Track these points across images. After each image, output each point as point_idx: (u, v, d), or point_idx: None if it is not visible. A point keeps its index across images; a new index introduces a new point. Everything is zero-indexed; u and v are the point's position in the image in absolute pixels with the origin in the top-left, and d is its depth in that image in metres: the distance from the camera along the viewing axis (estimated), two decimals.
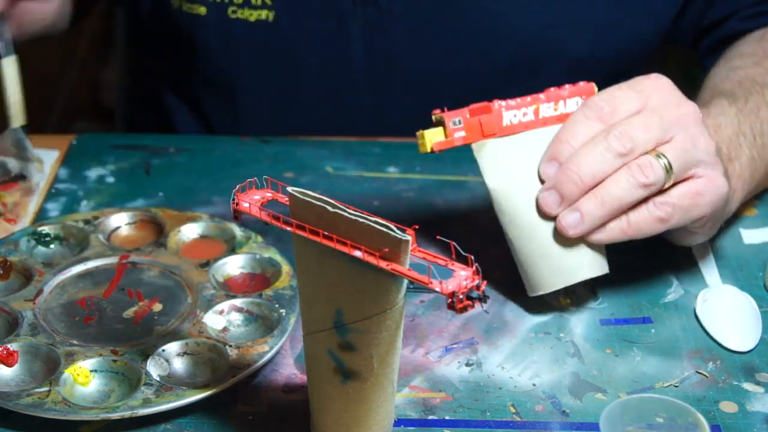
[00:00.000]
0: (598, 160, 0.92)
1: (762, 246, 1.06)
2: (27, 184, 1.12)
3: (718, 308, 0.97)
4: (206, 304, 0.95)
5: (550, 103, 0.96)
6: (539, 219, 0.94)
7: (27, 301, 0.95)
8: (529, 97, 0.96)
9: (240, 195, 0.81)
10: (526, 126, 0.96)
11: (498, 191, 0.95)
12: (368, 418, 0.81)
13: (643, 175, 0.91)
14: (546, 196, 0.93)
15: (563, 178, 0.92)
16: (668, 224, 0.94)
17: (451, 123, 0.94)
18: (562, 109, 0.97)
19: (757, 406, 0.88)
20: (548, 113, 0.96)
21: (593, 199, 0.92)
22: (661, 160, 0.91)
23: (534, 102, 0.96)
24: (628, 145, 0.91)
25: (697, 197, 0.94)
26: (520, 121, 0.96)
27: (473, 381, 0.91)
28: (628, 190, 0.91)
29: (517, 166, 0.95)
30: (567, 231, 0.92)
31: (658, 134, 0.92)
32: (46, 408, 0.84)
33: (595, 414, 0.87)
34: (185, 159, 1.19)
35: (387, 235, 0.73)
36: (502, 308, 0.98)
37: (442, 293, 0.73)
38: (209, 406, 0.87)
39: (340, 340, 0.78)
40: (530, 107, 0.96)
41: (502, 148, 0.95)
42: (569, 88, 0.97)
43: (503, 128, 0.95)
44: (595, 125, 0.93)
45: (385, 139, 1.23)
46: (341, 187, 1.14)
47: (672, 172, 0.92)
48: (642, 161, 0.91)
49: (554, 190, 0.93)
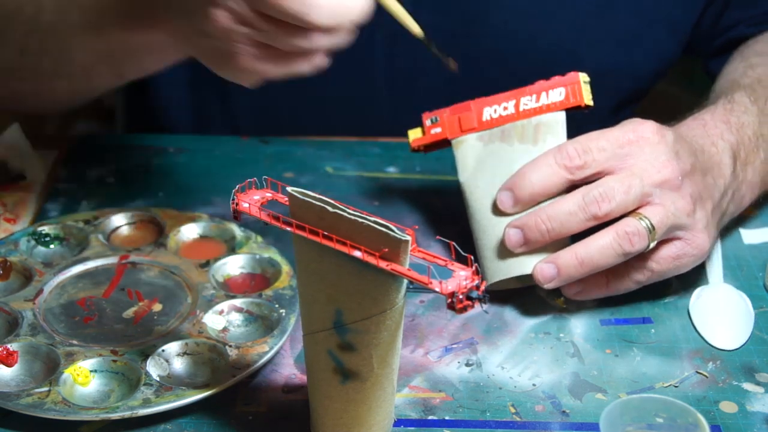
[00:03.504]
0: (572, 220, 0.92)
1: (762, 246, 1.06)
2: (27, 184, 1.12)
3: (709, 305, 0.97)
4: (206, 304, 0.95)
5: (532, 95, 0.97)
6: (496, 216, 0.96)
7: (27, 301, 0.95)
8: (512, 91, 0.97)
9: (240, 195, 0.81)
10: (505, 120, 0.97)
11: (465, 185, 0.98)
12: (368, 418, 0.81)
13: (630, 245, 0.91)
14: (511, 234, 0.94)
15: (531, 224, 0.93)
16: (646, 283, 0.96)
17: (428, 121, 1.00)
18: (544, 100, 0.97)
19: (757, 406, 0.88)
20: (529, 105, 0.97)
21: (573, 259, 0.92)
22: (643, 222, 0.91)
23: (515, 96, 0.97)
24: (605, 209, 0.91)
25: (677, 261, 0.95)
26: (501, 116, 0.98)
27: (473, 381, 0.91)
28: (612, 257, 0.92)
29: (485, 163, 0.98)
30: (541, 282, 0.93)
31: (639, 197, 0.92)
32: (46, 408, 0.84)
33: (595, 414, 0.87)
34: (185, 159, 1.19)
35: (387, 235, 0.73)
36: (502, 308, 0.98)
37: (441, 293, 0.73)
38: (209, 406, 0.87)
39: (340, 340, 0.78)
40: (510, 101, 0.97)
41: (476, 144, 0.98)
42: (556, 79, 0.97)
43: (482, 123, 0.97)
44: (560, 172, 0.93)
45: (385, 139, 1.23)
46: (341, 187, 1.14)
47: (654, 235, 0.92)
48: (630, 228, 0.91)
49: (521, 231, 0.93)
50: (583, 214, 0.92)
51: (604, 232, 0.92)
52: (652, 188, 0.92)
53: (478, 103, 0.99)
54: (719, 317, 0.96)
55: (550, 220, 0.92)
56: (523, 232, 0.93)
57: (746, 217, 1.10)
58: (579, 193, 0.92)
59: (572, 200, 0.92)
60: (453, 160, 1.14)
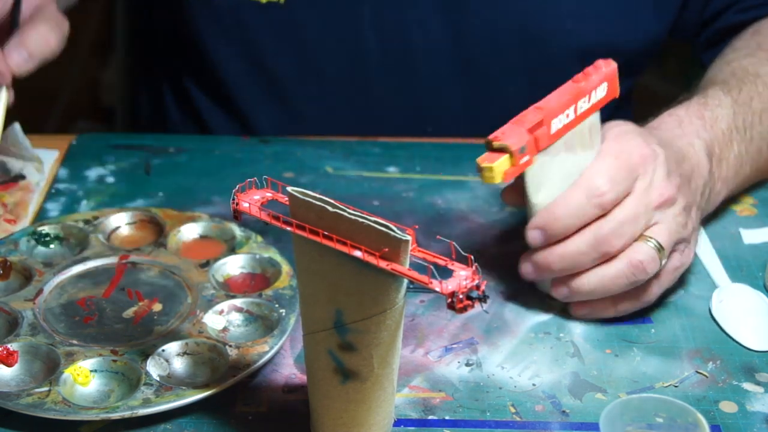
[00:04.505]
0: (584, 259, 0.92)
1: (762, 246, 1.06)
2: (27, 184, 1.12)
3: (734, 308, 0.97)
4: (206, 304, 0.95)
5: (586, 96, 0.92)
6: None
7: (27, 301, 0.95)
8: (566, 95, 0.91)
9: (240, 195, 0.81)
10: (567, 128, 0.92)
11: (539, 206, 0.93)
12: (368, 418, 0.81)
13: (645, 273, 0.92)
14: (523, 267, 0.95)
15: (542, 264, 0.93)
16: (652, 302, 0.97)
17: (519, 150, 0.88)
18: (594, 99, 0.93)
19: (757, 406, 0.88)
20: (584, 107, 0.92)
21: (585, 286, 0.93)
22: (651, 243, 0.92)
23: (572, 101, 0.91)
24: (617, 245, 0.91)
25: (675, 272, 0.96)
26: (564, 125, 0.91)
27: (473, 381, 0.91)
28: (625, 285, 0.93)
29: (554, 177, 0.93)
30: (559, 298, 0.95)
31: (645, 224, 0.92)
32: (46, 408, 0.84)
33: (595, 414, 0.87)
34: (185, 159, 1.19)
35: (387, 235, 0.73)
36: (502, 308, 0.98)
37: (442, 293, 0.73)
38: (209, 406, 0.87)
39: (340, 340, 0.78)
40: (570, 107, 0.91)
41: (544, 159, 0.91)
42: (594, 74, 0.93)
43: (551, 136, 0.91)
44: (593, 211, 0.91)
45: (385, 139, 1.23)
46: (341, 187, 1.14)
47: (664, 254, 0.92)
48: (642, 256, 0.91)
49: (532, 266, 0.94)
50: (596, 254, 0.92)
51: (616, 261, 0.92)
52: (655, 212, 0.92)
53: (546, 114, 0.90)
54: (748, 318, 0.96)
55: (562, 260, 0.92)
56: (534, 269, 0.94)
57: (746, 217, 1.10)
58: (590, 232, 0.92)
59: (583, 241, 0.92)
60: (453, 160, 1.14)
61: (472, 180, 1.15)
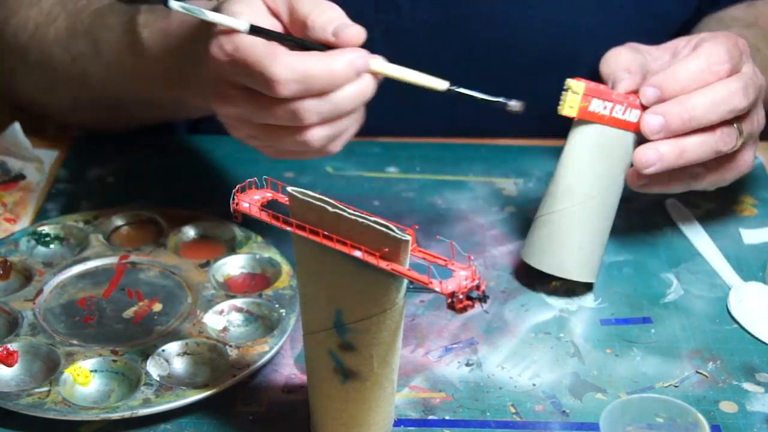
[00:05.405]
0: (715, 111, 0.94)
1: (762, 246, 1.06)
2: (27, 184, 1.12)
3: (755, 307, 0.97)
4: (206, 304, 0.95)
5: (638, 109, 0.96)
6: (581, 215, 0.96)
7: (27, 301, 0.95)
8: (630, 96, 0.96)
9: (240, 195, 0.81)
10: (627, 126, 0.96)
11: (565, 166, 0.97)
12: (368, 418, 0.81)
13: (725, 146, 0.95)
14: (650, 120, 0.95)
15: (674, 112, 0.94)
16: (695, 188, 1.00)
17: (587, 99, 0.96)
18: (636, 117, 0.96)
19: (757, 406, 0.88)
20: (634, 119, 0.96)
21: (675, 149, 0.94)
22: (735, 124, 0.96)
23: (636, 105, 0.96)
24: (743, 104, 0.95)
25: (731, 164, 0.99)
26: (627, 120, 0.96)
27: (473, 381, 0.91)
28: (708, 153, 0.95)
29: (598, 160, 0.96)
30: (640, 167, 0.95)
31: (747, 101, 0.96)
32: (46, 408, 0.84)
33: (595, 414, 0.87)
34: (185, 159, 1.19)
35: (387, 235, 0.73)
36: (502, 308, 0.98)
37: (442, 293, 0.73)
38: (209, 406, 0.87)
39: (340, 340, 0.78)
40: (635, 110, 0.95)
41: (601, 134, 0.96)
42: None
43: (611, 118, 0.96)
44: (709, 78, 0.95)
45: (385, 139, 1.23)
46: (341, 187, 1.14)
47: (740, 140, 0.96)
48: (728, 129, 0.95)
49: (662, 117, 0.94)
50: (726, 107, 0.94)
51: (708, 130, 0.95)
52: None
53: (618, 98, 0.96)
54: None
55: (694, 108, 0.94)
56: (664, 119, 0.94)
57: (746, 217, 1.10)
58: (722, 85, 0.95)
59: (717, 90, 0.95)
60: (453, 160, 1.14)
61: (472, 180, 1.15)
